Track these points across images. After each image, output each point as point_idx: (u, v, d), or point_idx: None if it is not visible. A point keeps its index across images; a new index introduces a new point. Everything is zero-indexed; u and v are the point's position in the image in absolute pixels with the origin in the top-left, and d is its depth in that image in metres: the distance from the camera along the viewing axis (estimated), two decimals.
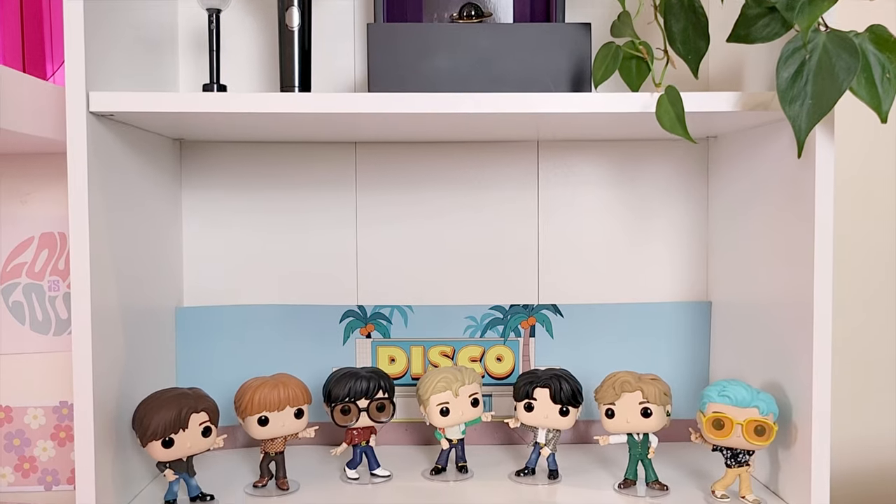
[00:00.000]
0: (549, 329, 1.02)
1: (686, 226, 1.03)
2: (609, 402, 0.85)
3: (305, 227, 1.03)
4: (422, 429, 1.03)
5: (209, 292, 1.02)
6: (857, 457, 1.10)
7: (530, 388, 0.88)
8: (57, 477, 1.03)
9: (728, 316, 0.98)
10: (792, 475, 0.81)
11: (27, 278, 1.03)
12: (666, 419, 0.86)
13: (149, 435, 0.77)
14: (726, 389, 0.80)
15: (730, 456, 0.82)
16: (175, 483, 0.81)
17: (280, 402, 0.84)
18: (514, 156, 1.03)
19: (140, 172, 0.88)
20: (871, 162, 1.09)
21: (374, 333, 1.02)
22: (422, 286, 1.03)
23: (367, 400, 0.87)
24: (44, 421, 1.03)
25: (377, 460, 0.91)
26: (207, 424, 0.80)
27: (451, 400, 0.88)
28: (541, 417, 0.88)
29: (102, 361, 0.78)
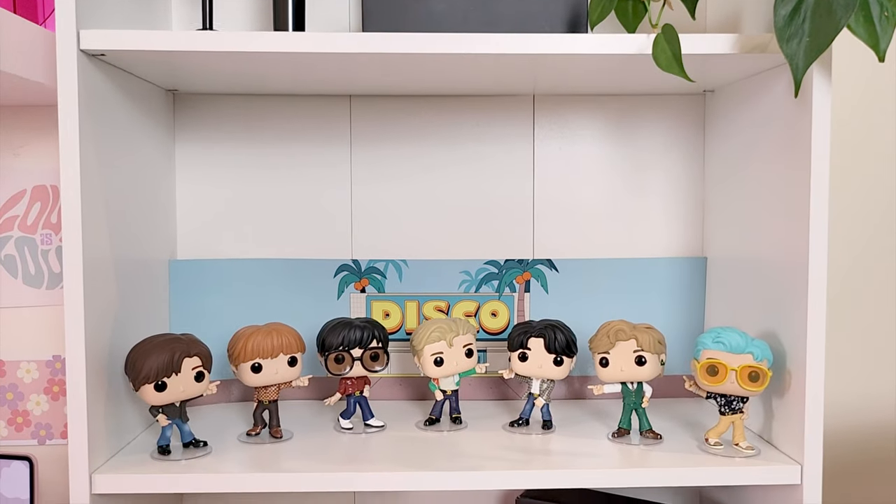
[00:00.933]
0: (544, 284, 1.02)
1: (682, 181, 1.03)
2: (603, 350, 0.85)
3: (300, 181, 1.02)
4: (416, 383, 1.03)
5: (203, 246, 1.01)
6: (852, 416, 1.10)
7: (525, 337, 0.88)
8: (50, 431, 1.03)
9: (723, 271, 0.98)
10: (785, 423, 0.81)
11: (19, 231, 1.02)
12: (660, 368, 0.86)
13: (141, 378, 0.77)
14: (721, 336, 0.80)
15: (723, 403, 0.82)
16: (168, 428, 0.81)
17: (273, 350, 0.84)
18: (510, 111, 1.02)
19: (133, 123, 0.88)
20: (867, 103, 1.08)
21: (369, 288, 1.02)
22: (417, 241, 1.02)
23: (360, 349, 0.87)
24: (37, 375, 1.03)
25: (371, 411, 0.91)
26: (200, 369, 0.80)
27: (445, 350, 0.88)
28: (535, 367, 0.88)
29: (95, 315, 0.77)
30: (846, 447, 1.10)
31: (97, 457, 0.77)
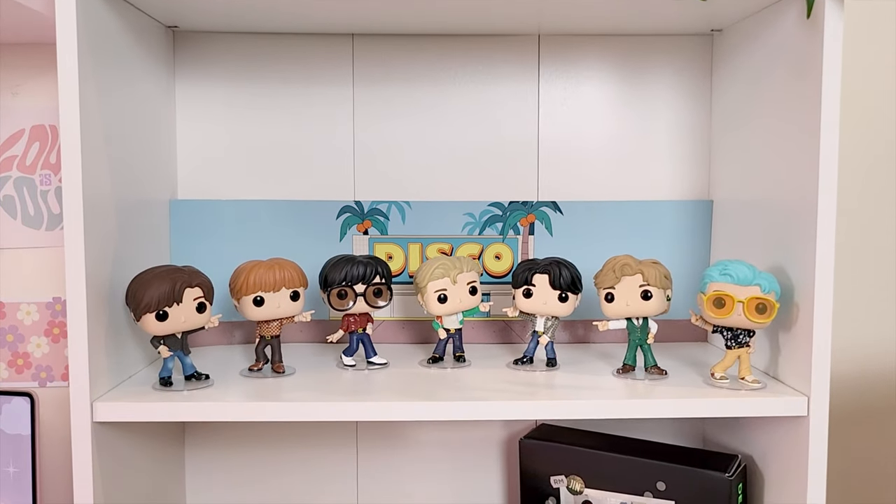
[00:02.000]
0: (548, 226, 1.01)
1: (688, 123, 1.02)
2: (609, 286, 0.84)
3: (302, 121, 1.01)
4: (420, 327, 1.02)
5: (204, 186, 1.00)
6: (857, 363, 1.10)
7: (529, 274, 0.87)
8: (51, 373, 1.03)
9: (730, 214, 0.97)
10: (792, 358, 0.80)
11: (18, 172, 1.01)
12: (666, 304, 0.85)
13: (142, 308, 0.76)
14: (728, 268, 0.79)
15: (730, 337, 0.81)
16: (170, 360, 0.80)
17: (276, 283, 0.83)
18: (515, 51, 1.01)
19: (133, 61, 0.86)
20: (876, 33, 1.06)
21: (372, 230, 1.01)
22: (420, 182, 1.01)
23: (363, 285, 0.86)
24: (37, 317, 1.02)
25: (374, 348, 0.90)
26: (202, 300, 0.79)
27: (448, 287, 0.87)
28: (539, 304, 0.87)
29: (95, 255, 0.76)
30: (850, 394, 1.09)
31: (98, 387, 0.76)
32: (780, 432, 0.82)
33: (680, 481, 0.87)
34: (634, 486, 0.90)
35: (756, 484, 0.88)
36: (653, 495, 0.89)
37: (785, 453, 0.82)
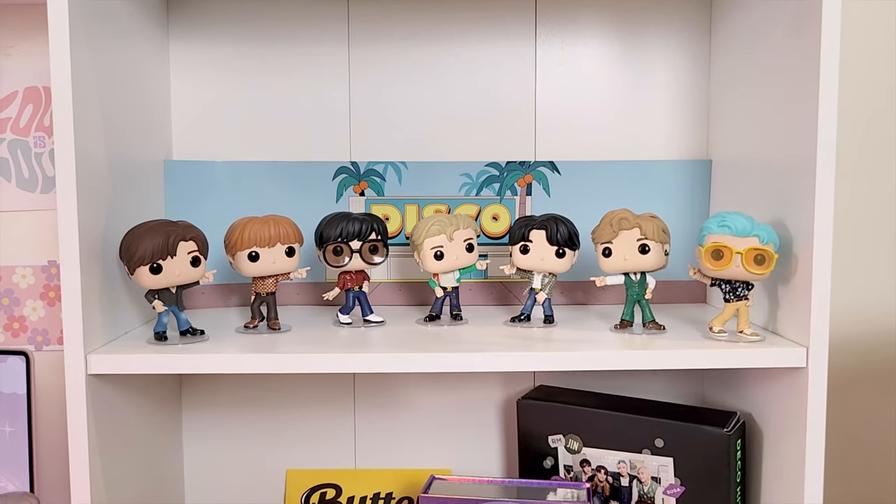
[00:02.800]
0: (545, 187, 1.00)
1: (687, 82, 1.01)
2: (606, 240, 0.84)
3: (297, 82, 1.00)
4: (416, 289, 1.01)
5: (199, 147, 1.00)
6: (856, 325, 1.09)
7: (526, 230, 0.86)
8: (47, 337, 1.02)
9: (728, 174, 0.96)
10: (791, 311, 0.80)
11: (12, 134, 1.00)
12: (664, 259, 0.84)
13: (136, 260, 0.76)
14: (726, 220, 0.78)
15: (728, 290, 0.81)
16: (164, 315, 0.80)
17: (271, 239, 0.83)
18: (513, 10, 1.00)
19: (126, 20, 0.86)
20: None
21: (368, 191, 1.00)
22: (416, 143, 1.01)
23: (359, 241, 0.86)
24: (32, 280, 1.02)
25: (370, 307, 0.89)
26: (196, 254, 0.79)
27: (445, 244, 0.87)
28: (536, 260, 0.86)
29: (89, 218, 0.75)
30: (850, 357, 1.09)
31: (93, 342, 0.76)
32: (778, 387, 0.82)
33: (678, 438, 0.87)
34: (632, 443, 0.90)
35: (755, 440, 0.88)
36: (651, 452, 0.89)
37: (784, 409, 0.81)
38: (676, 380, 1.04)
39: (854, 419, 1.09)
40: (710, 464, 0.86)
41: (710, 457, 0.86)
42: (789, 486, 0.80)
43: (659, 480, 0.89)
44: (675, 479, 0.88)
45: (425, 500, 0.87)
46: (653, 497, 0.89)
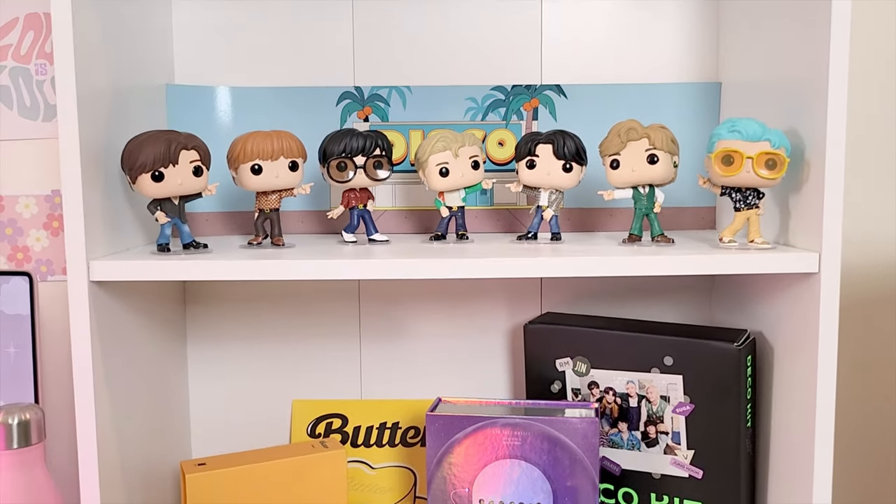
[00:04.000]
0: (552, 111, 0.99)
1: (696, 2, 0.99)
2: (614, 152, 0.82)
3: (301, 4, 0.99)
4: (422, 216, 1.00)
5: (201, 72, 0.99)
6: (865, 253, 1.08)
7: (532, 144, 0.85)
8: (51, 267, 1.02)
9: (738, 96, 0.94)
10: (803, 220, 0.78)
11: (13, 61, 0.99)
12: (673, 171, 0.83)
13: (137, 167, 0.75)
14: (736, 125, 0.77)
15: (739, 199, 0.79)
16: (167, 226, 0.79)
17: (274, 152, 0.82)
18: None
19: None
20: None
21: (372, 117, 0.99)
22: (421, 66, 0.99)
23: (363, 157, 0.85)
24: (36, 210, 1.01)
25: (375, 226, 0.88)
26: (198, 164, 0.78)
27: (450, 160, 0.86)
28: (543, 175, 0.85)
29: (91, 145, 0.74)
30: (858, 283, 1.08)
31: (95, 250, 0.75)
32: (789, 299, 0.81)
33: (687, 355, 0.86)
34: (641, 363, 0.89)
35: (765, 358, 0.87)
36: (660, 371, 0.88)
37: (795, 322, 0.80)
38: (684, 302, 1.02)
39: (863, 345, 1.08)
40: (720, 380, 0.85)
41: (720, 373, 0.84)
42: (800, 403, 0.79)
43: (668, 399, 0.88)
44: (684, 397, 0.87)
45: (432, 417, 0.86)
46: (662, 416, 0.88)
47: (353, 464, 1.01)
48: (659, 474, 0.89)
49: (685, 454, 0.87)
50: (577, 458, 0.84)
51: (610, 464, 0.92)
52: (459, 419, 0.86)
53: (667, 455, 0.88)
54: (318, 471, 0.91)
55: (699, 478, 0.87)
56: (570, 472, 0.84)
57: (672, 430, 0.88)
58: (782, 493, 0.83)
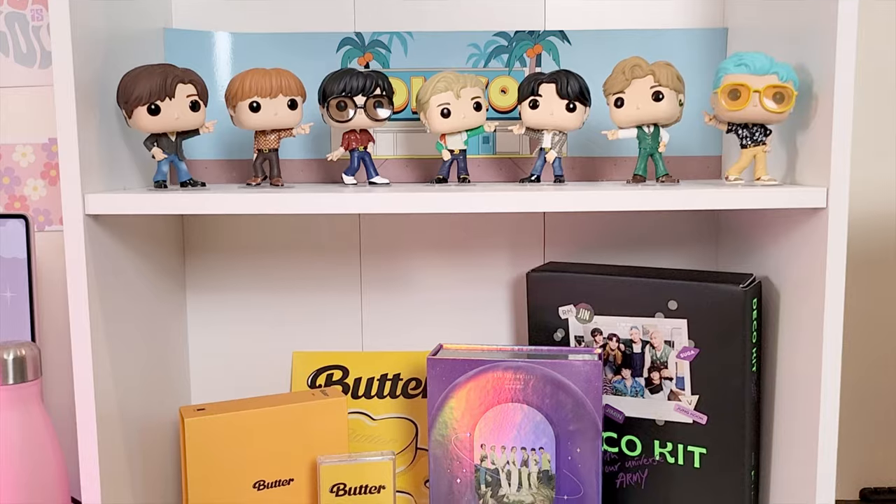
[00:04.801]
0: (556, 58, 0.97)
1: None
2: (618, 90, 0.81)
3: None
4: (423, 165, 0.99)
5: (200, 17, 0.97)
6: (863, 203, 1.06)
7: (535, 84, 0.84)
8: (49, 217, 1.01)
9: (745, 42, 0.93)
10: (810, 157, 0.77)
11: (9, 7, 0.98)
12: (678, 109, 0.81)
13: (133, 100, 0.74)
14: (743, 58, 0.75)
15: (745, 135, 0.78)
16: (164, 163, 0.78)
17: (272, 89, 0.80)
18: None
19: None
20: None
21: (373, 63, 0.97)
22: (422, 11, 0.98)
23: (363, 97, 0.83)
24: (33, 159, 1.00)
25: (375, 169, 0.87)
26: (195, 98, 0.77)
27: (452, 101, 0.84)
28: (546, 115, 0.84)
29: (87, 89, 0.73)
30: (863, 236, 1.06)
31: (90, 184, 0.74)
32: (797, 241, 0.79)
33: (692, 298, 0.85)
34: (645, 308, 0.87)
35: (771, 302, 0.86)
36: (664, 316, 0.87)
37: (802, 265, 0.79)
38: (689, 250, 1.01)
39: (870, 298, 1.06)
40: (725, 324, 0.83)
41: (725, 316, 0.83)
42: (807, 347, 0.77)
43: (672, 344, 0.87)
44: (688, 341, 0.86)
45: (432, 361, 0.85)
46: (665, 362, 0.87)
47: (354, 415, 1.00)
48: (663, 421, 0.88)
49: (689, 400, 0.86)
50: (580, 401, 0.83)
51: (613, 412, 0.91)
52: (461, 363, 0.84)
53: (671, 401, 0.87)
54: (319, 418, 0.90)
55: (703, 423, 0.86)
56: (574, 416, 0.83)
57: (676, 376, 0.87)
58: (788, 439, 0.82)
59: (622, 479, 0.92)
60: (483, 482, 0.85)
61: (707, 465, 0.86)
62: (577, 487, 0.84)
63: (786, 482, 0.83)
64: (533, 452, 0.84)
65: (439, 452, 0.86)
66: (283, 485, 0.89)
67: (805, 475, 0.78)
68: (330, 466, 0.86)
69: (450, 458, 0.86)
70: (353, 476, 0.86)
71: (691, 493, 0.88)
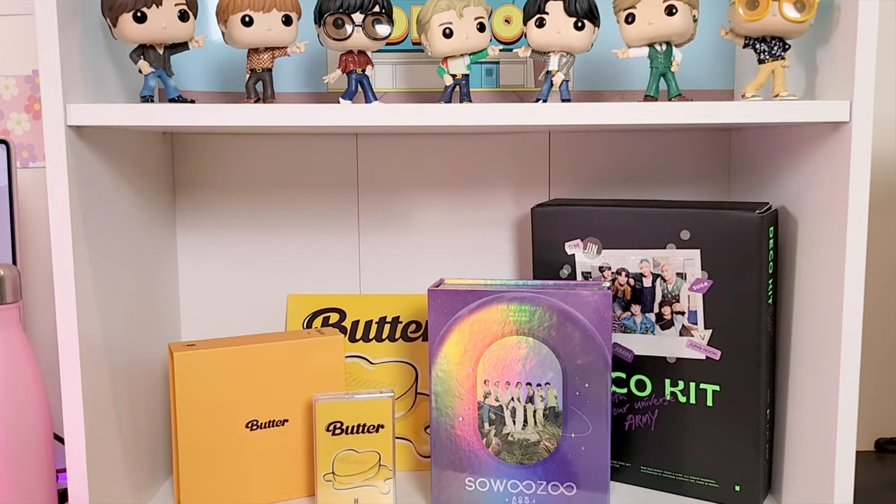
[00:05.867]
0: None
1: None
2: (629, 5, 0.77)
3: None
4: (423, 98, 0.95)
5: None
6: None
7: (542, 1, 0.79)
8: (33, 152, 0.97)
9: None
10: (832, 71, 0.73)
11: None
12: (692, 25, 0.77)
13: (118, 6, 0.70)
14: None
15: (763, 49, 0.74)
16: (151, 78, 0.74)
17: (266, 3, 0.76)
18: None
19: None
20: None
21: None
22: None
23: (361, 14, 0.79)
24: (16, 91, 0.96)
25: (374, 93, 0.83)
26: (184, 8, 0.72)
27: (454, 20, 0.80)
28: (553, 33, 0.79)
29: (68, 23, 0.69)
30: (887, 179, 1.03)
31: (73, 94, 0.70)
32: (816, 163, 0.75)
33: (705, 227, 0.81)
34: (656, 239, 0.84)
35: (788, 231, 0.82)
36: (676, 246, 0.83)
37: (822, 188, 0.75)
38: (699, 184, 0.98)
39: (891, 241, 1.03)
40: (741, 252, 0.80)
41: (740, 245, 0.79)
42: (828, 275, 0.74)
43: (684, 277, 0.83)
44: (701, 272, 0.82)
45: (434, 293, 0.81)
46: (677, 295, 0.83)
47: (352, 359, 0.96)
48: (674, 358, 0.85)
49: (702, 334, 0.83)
50: (588, 333, 0.79)
51: (622, 350, 0.87)
52: (463, 294, 0.81)
53: (682, 337, 0.84)
54: (315, 356, 0.86)
55: (717, 359, 0.82)
56: (582, 348, 0.79)
57: (688, 310, 0.83)
58: (805, 373, 0.79)
59: (631, 421, 0.88)
60: (486, 420, 0.82)
61: (720, 403, 0.83)
62: (585, 425, 0.80)
63: (802, 422, 0.79)
64: (539, 388, 0.80)
65: (440, 390, 0.82)
66: (276, 425, 0.86)
67: (824, 414, 0.74)
68: (326, 403, 0.82)
69: (451, 395, 0.82)
70: (351, 414, 0.82)
71: (704, 433, 0.84)
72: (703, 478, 0.85)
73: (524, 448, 0.81)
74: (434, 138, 0.98)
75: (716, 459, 0.84)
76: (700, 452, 0.84)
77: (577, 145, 0.98)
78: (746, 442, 0.82)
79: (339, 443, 0.82)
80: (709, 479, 0.85)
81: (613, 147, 0.98)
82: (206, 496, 0.84)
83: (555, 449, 0.81)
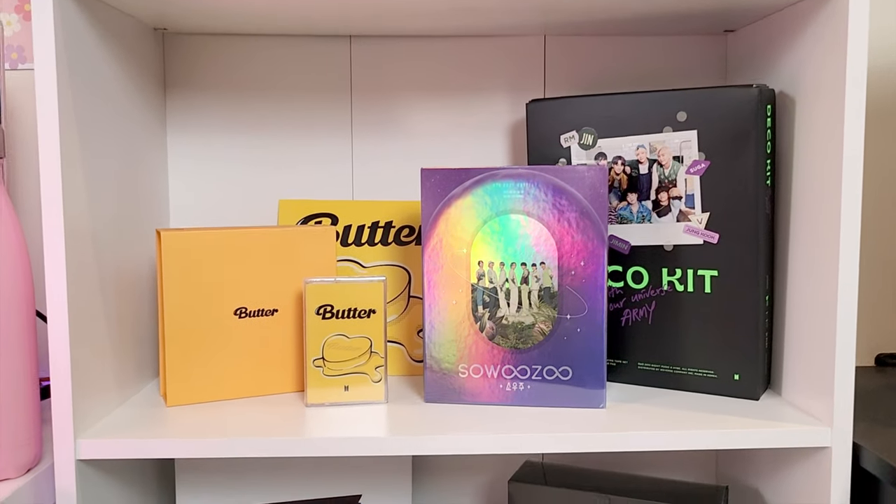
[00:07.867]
0: None
1: None
2: None
3: None
4: None
5: None
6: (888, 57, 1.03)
7: None
8: (23, 54, 0.96)
9: None
10: None
11: None
12: None
13: None
14: None
15: None
16: None
17: None
18: None
19: None
20: None
21: None
22: None
23: None
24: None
25: None
26: None
27: None
28: None
29: None
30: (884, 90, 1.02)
31: None
32: (812, 43, 0.75)
33: (702, 107, 0.80)
34: (652, 123, 0.83)
35: (786, 112, 0.81)
36: (672, 129, 0.82)
37: (818, 66, 0.74)
38: (695, 79, 0.97)
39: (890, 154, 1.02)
40: (738, 130, 0.78)
41: (737, 123, 0.78)
42: (826, 154, 0.73)
43: (681, 160, 0.82)
44: (699, 154, 0.81)
45: (427, 172, 0.80)
46: (674, 180, 0.82)
47: (343, 263, 0.94)
48: (671, 245, 0.83)
49: (699, 218, 0.81)
50: (584, 210, 0.77)
51: (618, 242, 0.86)
52: (457, 173, 0.79)
53: (680, 222, 0.82)
54: (306, 245, 0.85)
55: (714, 243, 0.81)
56: (578, 225, 0.78)
57: (686, 194, 0.82)
58: (803, 252, 0.77)
59: (627, 315, 0.86)
60: (480, 303, 0.80)
61: (719, 289, 0.81)
62: (581, 305, 0.78)
63: (802, 308, 0.78)
64: (534, 268, 0.79)
65: (434, 276, 0.80)
66: (266, 315, 0.84)
67: (825, 296, 0.73)
68: (316, 286, 0.80)
69: (445, 278, 0.80)
70: (341, 298, 0.81)
71: (702, 322, 0.82)
72: (701, 369, 0.83)
73: (518, 332, 0.79)
74: (429, 42, 0.97)
75: (714, 349, 0.82)
76: (698, 342, 0.83)
77: (572, 49, 0.97)
78: (746, 327, 0.80)
79: (330, 327, 0.80)
80: (707, 370, 0.83)
81: (609, 51, 0.97)
82: (192, 389, 0.81)
83: (549, 332, 0.79)
